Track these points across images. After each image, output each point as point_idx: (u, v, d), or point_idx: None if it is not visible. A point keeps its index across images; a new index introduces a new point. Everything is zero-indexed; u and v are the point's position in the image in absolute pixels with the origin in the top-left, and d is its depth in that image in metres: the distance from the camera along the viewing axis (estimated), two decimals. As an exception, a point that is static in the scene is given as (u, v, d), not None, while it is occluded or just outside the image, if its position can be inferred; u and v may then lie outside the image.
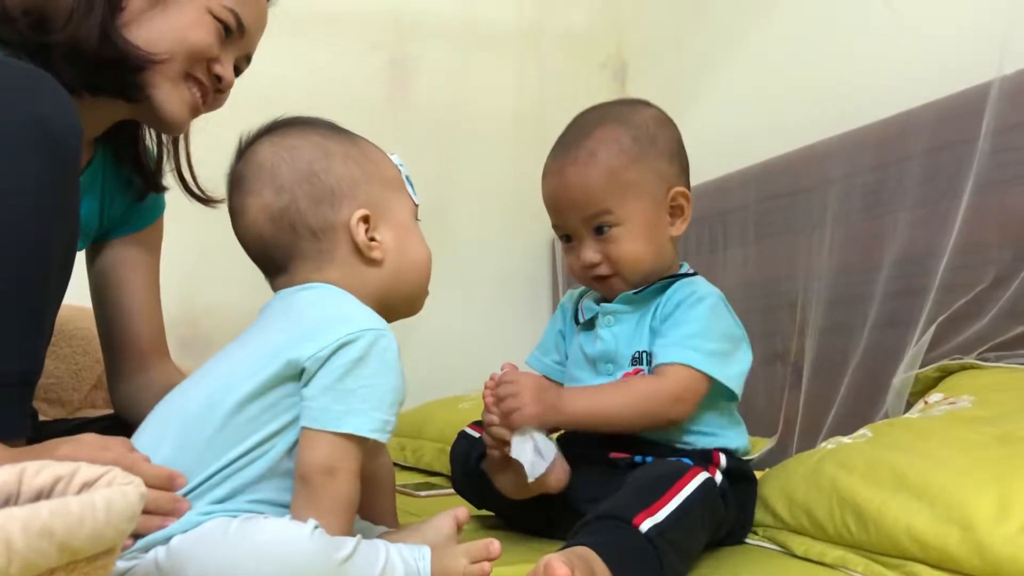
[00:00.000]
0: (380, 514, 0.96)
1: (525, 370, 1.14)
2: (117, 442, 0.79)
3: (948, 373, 1.24)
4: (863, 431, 1.06)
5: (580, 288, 1.17)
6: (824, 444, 1.08)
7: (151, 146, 1.18)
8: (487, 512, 1.18)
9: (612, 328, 1.07)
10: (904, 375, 1.29)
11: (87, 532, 0.52)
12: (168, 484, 0.77)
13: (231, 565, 0.72)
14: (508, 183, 2.22)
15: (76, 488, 0.58)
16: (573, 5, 2.39)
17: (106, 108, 1.03)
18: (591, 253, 1.06)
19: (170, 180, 1.21)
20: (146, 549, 0.76)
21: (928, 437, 0.98)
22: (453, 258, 1.97)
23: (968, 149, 1.28)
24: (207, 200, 1.20)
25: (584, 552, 0.77)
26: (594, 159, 1.04)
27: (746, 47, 1.92)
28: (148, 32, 0.98)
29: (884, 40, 1.55)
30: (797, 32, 1.77)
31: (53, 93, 0.86)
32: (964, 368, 1.23)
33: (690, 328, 1.01)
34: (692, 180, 1.12)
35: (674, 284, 1.07)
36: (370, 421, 0.78)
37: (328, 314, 0.83)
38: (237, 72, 1.10)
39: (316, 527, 0.74)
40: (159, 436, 0.82)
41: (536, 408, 0.94)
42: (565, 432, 1.11)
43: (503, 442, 0.96)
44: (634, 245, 1.05)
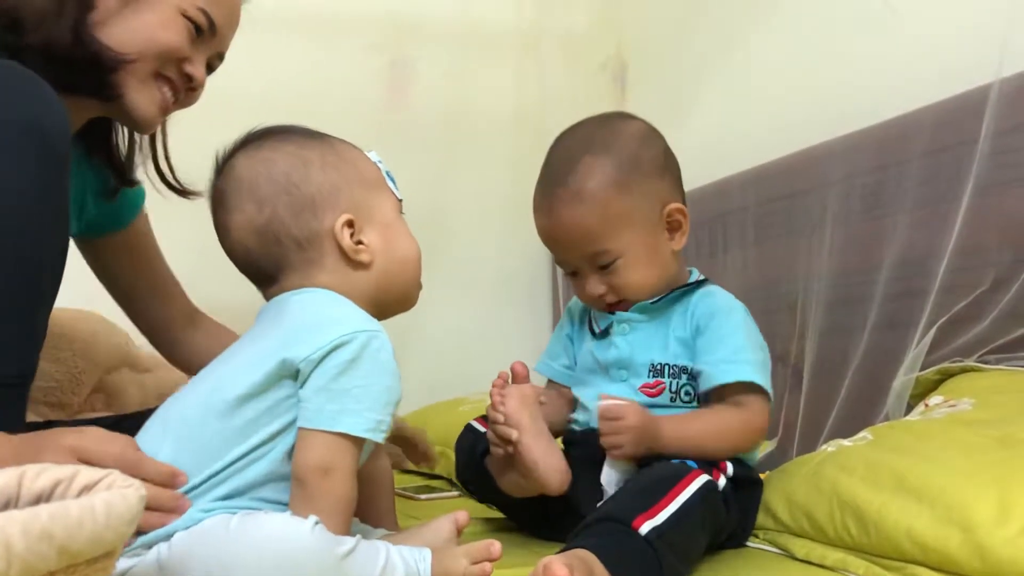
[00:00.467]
0: (379, 516, 0.96)
1: (536, 378, 1.15)
2: (122, 438, 0.80)
3: (948, 375, 1.24)
4: (863, 433, 1.06)
5: None
6: (824, 446, 1.08)
7: (122, 143, 1.19)
8: (490, 514, 1.18)
9: (627, 336, 1.07)
10: (904, 377, 1.29)
11: (87, 535, 0.52)
12: (170, 481, 0.77)
13: (232, 561, 0.73)
14: (507, 185, 2.21)
15: (76, 491, 0.58)
16: (573, 6, 2.39)
17: (79, 107, 1.03)
18: (596, 286, 1.06)
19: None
20: (148, 546, 0.76)
21: (928, 439, 0.98)
22: (452, 260, 1.98)
23: (968, 151, 1.27)
24: (184, 192, 1.21)
25: (584, 555, 0.77)
26: (581, 199, 1.03)
27: (746, 49, 1.92)
28: (119, 32, 0.99)
29: (884, 42, 1.55)
30: (797, 34, 1.77)
31: (43, 92, 0.86)
32: (964, 371, 1.22)
33: (736, 341, 1.02)
34: (692, 183, 1.12)
35: (695, 293, 1.07)
36: (364, 421, 0.79)
37: (321, 316, 0.83)
38: (210, 70, 1.10)
39: (317, 523, 0.74)
40: (160, 437, 0.82)
41: (636, 449, 0.95)
42: (568, 431, 1.12)
43: (507, 441, 0.96)
44: (637, 272, 1.05)
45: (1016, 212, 1.23)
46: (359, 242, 0.89)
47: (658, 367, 1.05)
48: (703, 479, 0.90)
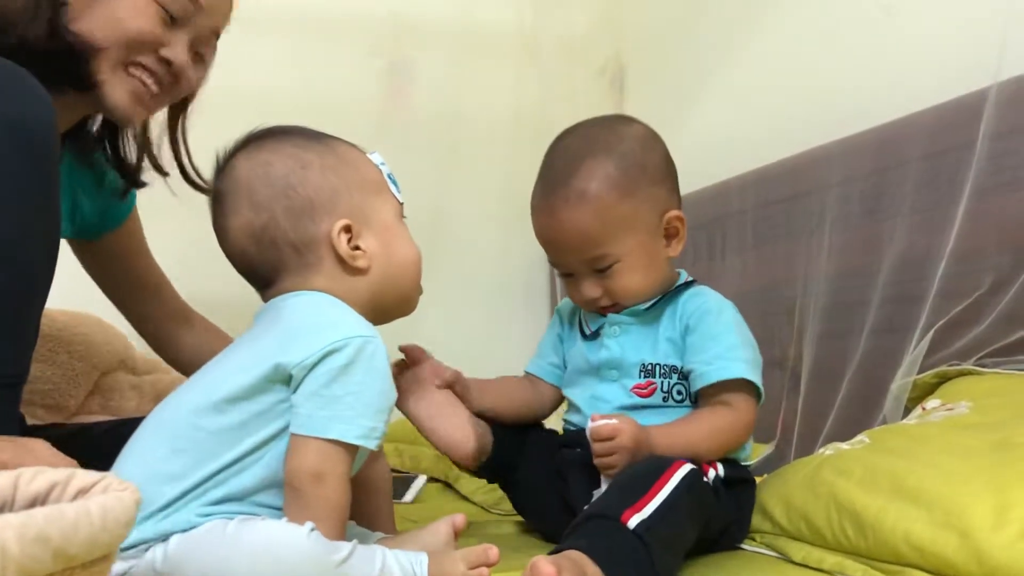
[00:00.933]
0: (376, 520, 0.96)
1: (528, 377, 1.16)
2: (65, 461, 0.79)
3: (946, 379, 1.24)
4: (861, 437, 1.06)
5: None
6: (822, 450, 1.08)
7: (129, 149, 1.19)
8: (489, 516, 1.19)
9: (618, 338, 1.08)
10: (902, 381, 1.29)
11: (83, 538, 0.51)
12: None
13: (228, 566, 0.73)
14: (506, 188, 2.21)
15: (72, 494, 0.57)
16: (572, 10, 2.39)
17: (67, 105, 1.03)
18: (591, 289, 1.06)
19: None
20: (145, 549, 0.76)
21: (926, 443, 0.98)
22: (450, 262, 1.97)
23: (966, 154, 1.28)
24: (206, 189, 1.21)
25: (575, 556, 0.78)
26: (584, 200, 1.02)
27: (744, 52, 1.92)
28: (91, 22, 0.99)
29: (882, 45, 1.55)
30: (795, 37, 1.77)
31: (28, 88, 0.85)
32: (962, 374, 1.23)
33: (729, 339, 1.03)
34: (690, 186, 1.12)
35: (683, 293, 1.07)
36: (356, 428, 0.78)
37: (315, 321, 0.83)
38: (202, 54, 1.09)
39: (313, 529, 0.74)
40: (153, 439, 0.82)
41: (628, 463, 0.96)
42: (565, 432, 1.12)
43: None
44: (633, 278, 1.05)
45: (1014, 215, 1.23)
46: (356, 247, 0.88)
47: (649, 367, 1.05)
48: (687, 468, 0.91)
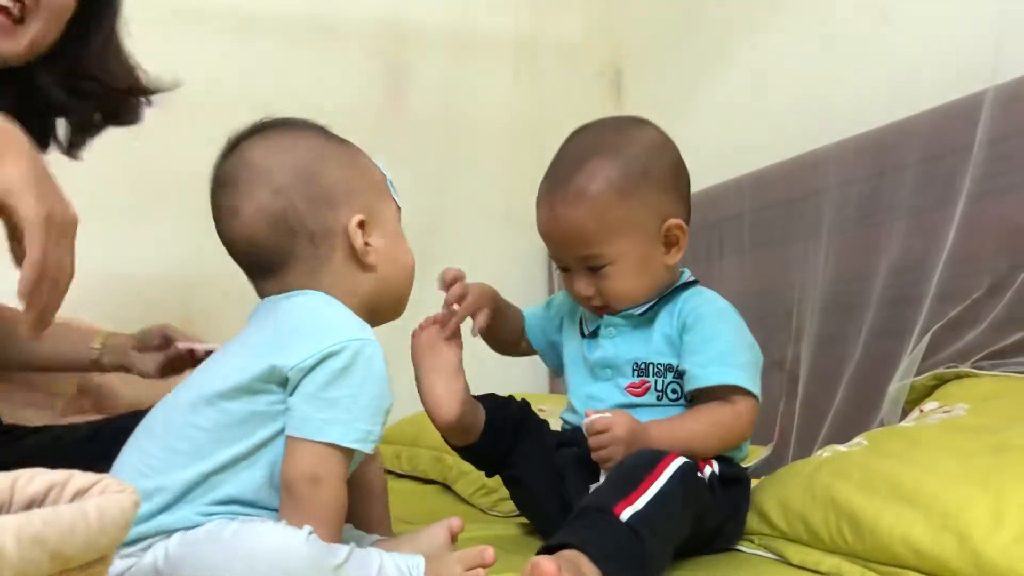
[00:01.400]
0: (373, 522, 0.96)
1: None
2: None
3: (943, 381, 1.24)
4: (859, 439, 1.06)
5: None
6: (820, 452, 1.08)
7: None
8: (488, 517, 1.19)
9: (614, 339, 1.08)
10: (899, 383, 1.29)
11: (80, 540, 0.52)
12: None
13: (226, 569, 0.73)
14: (504, 192, 2.22)
15: (69, 496, 0.57)
16: (569, 14, 2.40)
17: None
18: (585, 287, 1.07)
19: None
20: (145, 548, 0.76)
21: (923, 446, 0.98)
22: (447, 265, 1.97)
23: (963, 158, 1.28)
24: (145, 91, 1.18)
25: (571, 555, 0.78)
26: (582, 199, 1.03)
27: (741, 56, 1.92)
28: None
29: (878, 49, 1.56)
30: (792, 40, 1.78)
31: None
32: (959, 376, 1.23)
33: (725, 343, 1.02)
34: (688, 189, 1.12)
35: (683, 293, 1.08)
36: (353, 431, 0.78)
37: (312, 323, 0.83)
38: None
39: (311, 533, 0.74)
40: (148, 439, 0.82)
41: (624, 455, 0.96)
42: (564, 431, 1.12)
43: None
44: (625, 282, 1.05)
45: (1011, 218, 1.24)
46: (367, 243, 0.88)
47: (642, 366, 1.05)
48: (680, 461, 0.91)
